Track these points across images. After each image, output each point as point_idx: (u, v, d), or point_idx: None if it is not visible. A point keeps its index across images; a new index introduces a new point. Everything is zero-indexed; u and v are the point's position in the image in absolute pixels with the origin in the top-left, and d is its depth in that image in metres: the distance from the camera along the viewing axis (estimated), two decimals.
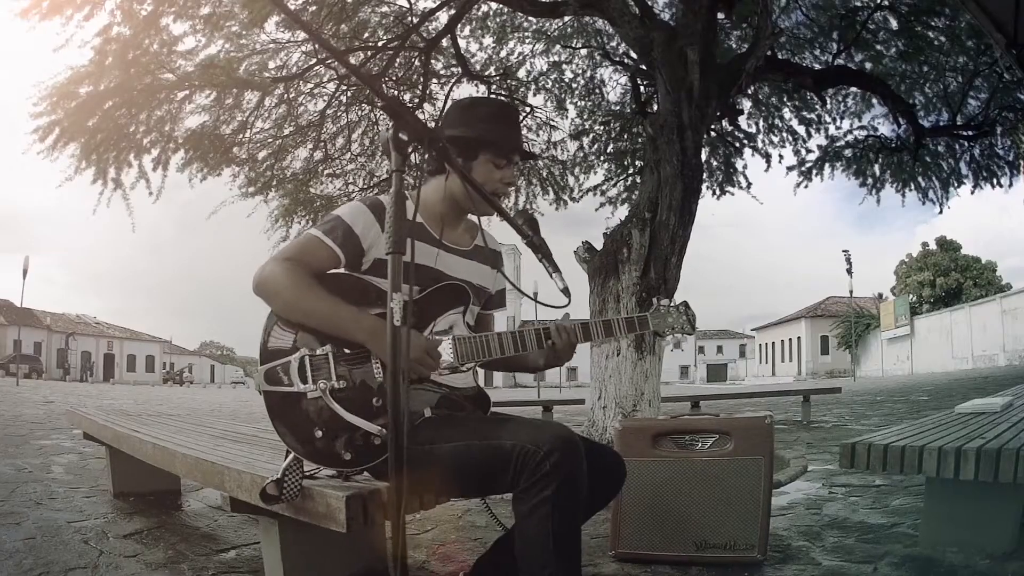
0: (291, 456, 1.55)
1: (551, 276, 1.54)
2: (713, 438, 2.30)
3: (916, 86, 7.13)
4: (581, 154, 8.34)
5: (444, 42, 6.79)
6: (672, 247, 4.98)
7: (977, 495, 1.74)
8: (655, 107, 5.86)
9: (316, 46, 6.04)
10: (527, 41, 7.54)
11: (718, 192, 8.42)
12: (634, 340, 4.94)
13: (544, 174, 8.51)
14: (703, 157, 8.14)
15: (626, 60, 7.17)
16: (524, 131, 8.09)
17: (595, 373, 5.07)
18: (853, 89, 7.13)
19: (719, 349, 69.31)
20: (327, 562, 2.13)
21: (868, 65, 6.61)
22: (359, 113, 7.35)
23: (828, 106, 7.31)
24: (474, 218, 1.75)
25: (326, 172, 7.74)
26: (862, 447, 1.91)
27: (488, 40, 7.35)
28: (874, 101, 7.07)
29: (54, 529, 2.73)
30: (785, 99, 7.37)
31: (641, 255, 4.94)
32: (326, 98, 6.65)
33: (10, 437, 5.73)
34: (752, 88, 7.32)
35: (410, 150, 1.18)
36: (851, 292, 37.03)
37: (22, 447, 5.15)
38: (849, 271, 35.47)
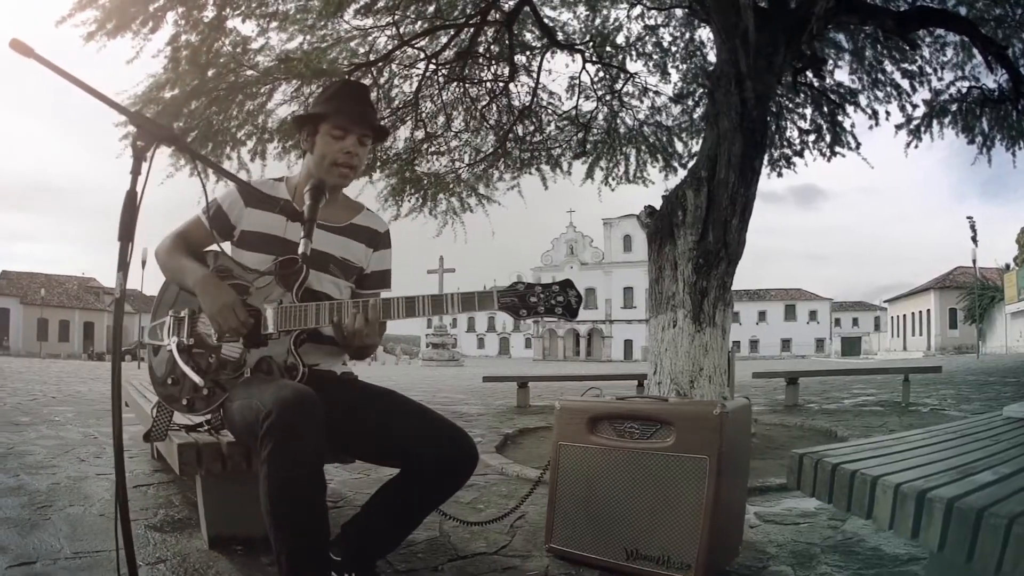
0: (157, 400, 1.76)
1: (300, 240, 1.49)
2: (655, 427, 1.75)
3: (1013, 32, 5.48)
4: (686, 118, 7.40)
5: (529, 11, 6.21)
6: (732, 208, 4.12)
7: None
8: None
9: (398, 30, 5.79)
10: (621, 6, 6.71)
11: (828, 154, 7.12)
12: (691, 311, 4.22)
13: (652, 141, 7.68)
14: (808, 117, 6.96)
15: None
16: (625, 98, 7.34)
17: (652, 346, 4.41)
18: (952, 38, 5.63)
19: (855, 322, 62.05)
20: (253, 517, 1.99)
21: (963, 10, 5.14)
22: (455, 92, 6.98)
23: (927, 55, 5.83)
24: (352, 198, 1.80)
25: (430, 150, 7.44)
26: (809, 462, 1.28)
27: (581, 9, 6.62)
28: (975, 50, 5.51)
29: (80, 479, 2.83)
30: (881, 50, 5.95)
31: (698, 217, 4.14)
32: (418, 78, 6.38)
33: (96, 411, 5.72)
34: (848, 40, 6.02)
35: (148, 153, 1.20)
36: (974, 262, 31.16)
37: (103, 419, 5.08)
38: (974, 239, 29.76)
